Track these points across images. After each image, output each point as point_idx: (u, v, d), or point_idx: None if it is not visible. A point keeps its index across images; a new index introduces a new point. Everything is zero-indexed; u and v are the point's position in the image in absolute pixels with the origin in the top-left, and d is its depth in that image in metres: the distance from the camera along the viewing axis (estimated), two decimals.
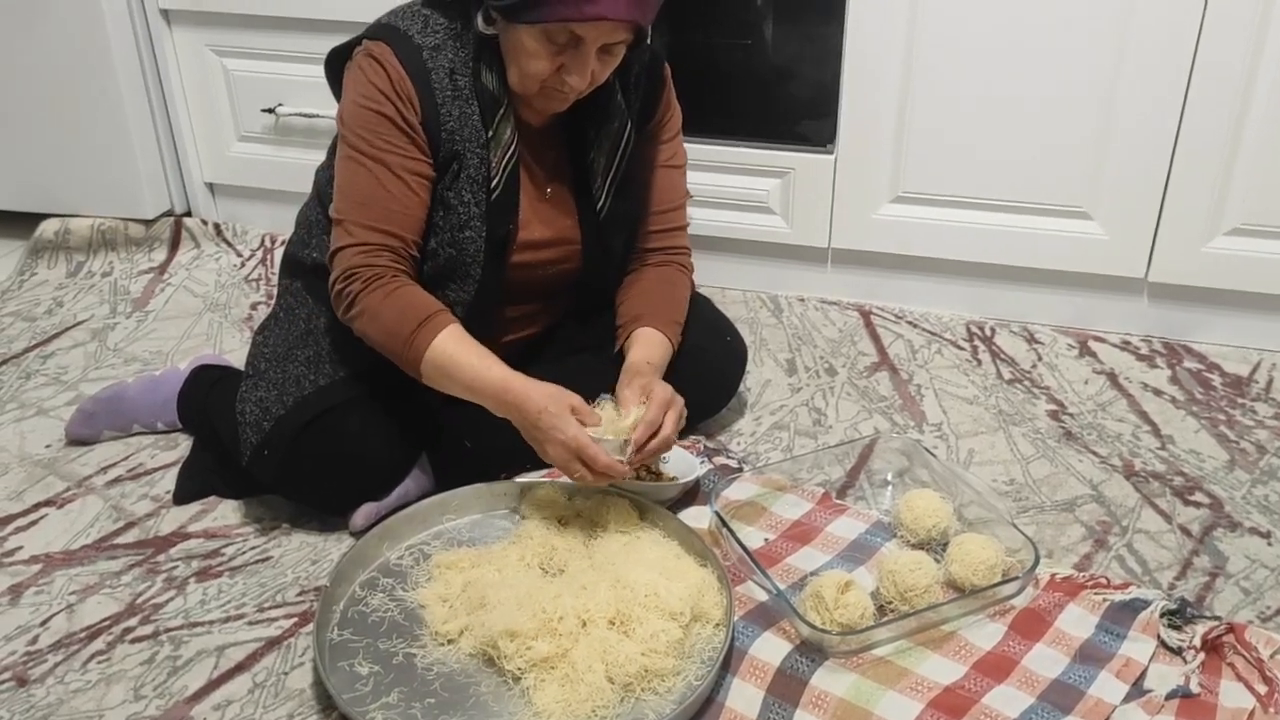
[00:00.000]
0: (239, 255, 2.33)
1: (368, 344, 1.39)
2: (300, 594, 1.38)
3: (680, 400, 1.38)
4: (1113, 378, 1.87)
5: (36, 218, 2.36)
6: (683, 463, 1.50)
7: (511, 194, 1.44)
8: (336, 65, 1.45)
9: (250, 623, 1.33)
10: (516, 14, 1.29)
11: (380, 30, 1.40)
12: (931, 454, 1.55)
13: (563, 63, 1.32)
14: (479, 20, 1.35)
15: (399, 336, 1.34)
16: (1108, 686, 1.17)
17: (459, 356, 1.34)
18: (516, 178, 1.44)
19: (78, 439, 1.69)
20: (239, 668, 1.27)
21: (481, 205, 1.41)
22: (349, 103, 1.39)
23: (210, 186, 2.43)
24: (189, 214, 2.43)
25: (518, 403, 1.32)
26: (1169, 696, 1.16)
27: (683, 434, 1.46)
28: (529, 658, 1.18)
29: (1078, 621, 1.27)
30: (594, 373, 1.56)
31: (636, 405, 1.36)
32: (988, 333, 2.02)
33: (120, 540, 1.48)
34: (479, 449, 1.51)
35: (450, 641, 1.25)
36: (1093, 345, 1.97)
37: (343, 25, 2.05)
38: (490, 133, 1.39)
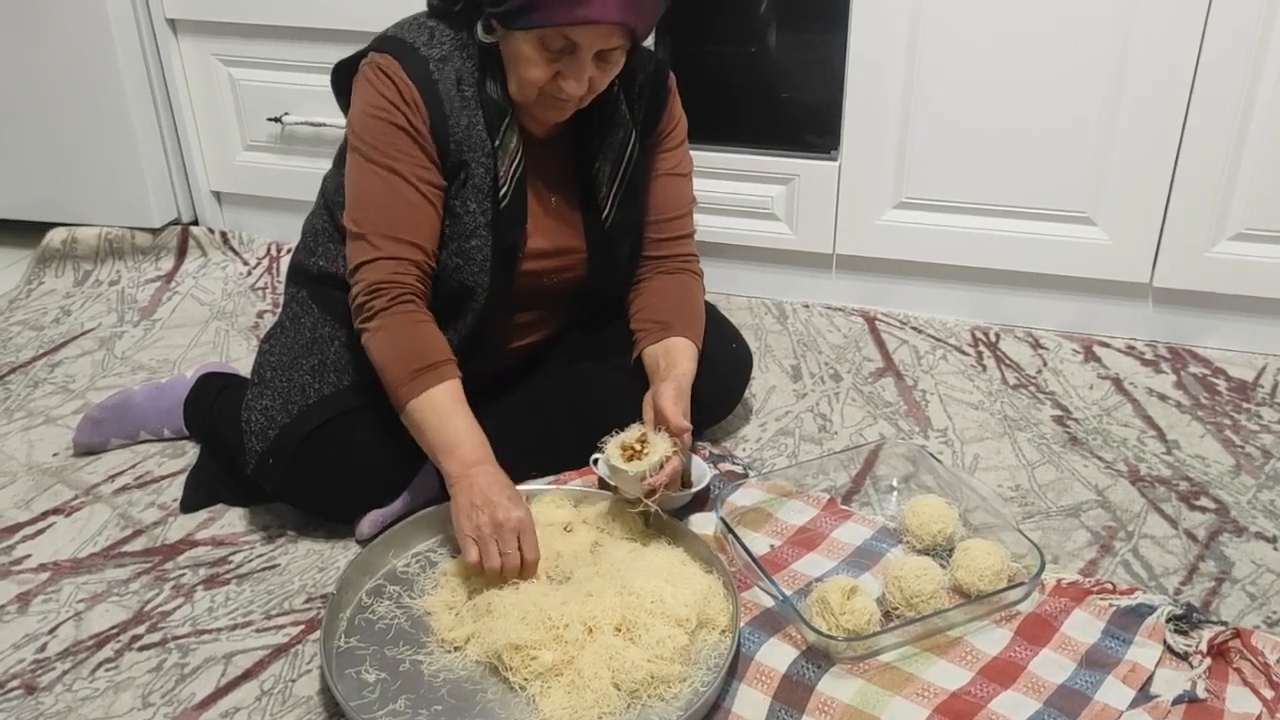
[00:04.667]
0: (245, 264, 2.34)
1: (368, 356, 1.39)
2: (307, 601, 1.38)
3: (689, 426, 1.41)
4: (1118, 383, 1.87)
5: (44, 227, 2.37)
6: (695, 469, 1.50)
7: (519, 203, 1.44)
8: (342, 78, 1.47)
9: (258, 630, 1.34)
10: (513, 20, 1.30)
11: (386, 43, 1.41)
12: (937, 460, 1.55)
13: (559, 70, 1.33)
14: (480, 29, 1.36)
15: (404, 368, 1.35)
16: (1114, 692, 1.17)
17: (453, 411, 1.35)
18: (524, 187, 1.45)
19: (85, 447, 1.70)
20: (246, 675, 1.27)
21: (488, 214, 1.42)
22: (359, 113, 1.40)
23: (217, 195, 2.43)
24: (196, 223, 2.43)
25: (489, 474, 1.31)
26: (1175, 702, 1.15)
27: None
28: (534, 669, 1.18)
29: (1084, 627, 1.27)
30: (599, 380, 1.57)
31: (664, 438, 1.37)
32: (992, 338, 2.02)
33: (128, 548, 1.49)
34: None
35: (457, 648, 1.25)
36: (1098, 350, 1.97)
37: (349, 35, 2.06)
38: (496, 142, 1.40)
